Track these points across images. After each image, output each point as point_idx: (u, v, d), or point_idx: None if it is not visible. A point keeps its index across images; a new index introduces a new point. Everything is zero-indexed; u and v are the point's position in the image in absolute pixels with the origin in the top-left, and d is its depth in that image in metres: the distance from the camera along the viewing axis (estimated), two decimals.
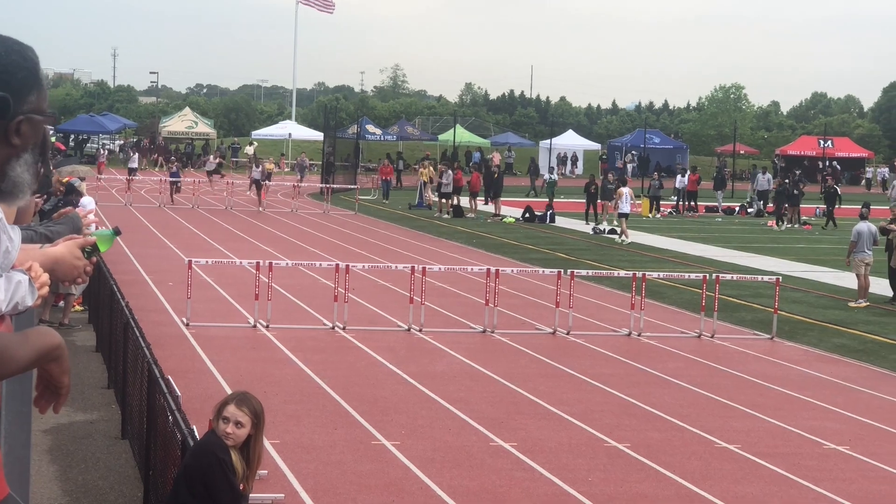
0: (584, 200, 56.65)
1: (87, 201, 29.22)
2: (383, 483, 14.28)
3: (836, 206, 58.97)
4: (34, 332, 3.48)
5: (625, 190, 50.15)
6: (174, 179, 59.14)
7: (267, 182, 59.60)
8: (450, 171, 58.93)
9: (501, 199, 58.90)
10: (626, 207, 48.63)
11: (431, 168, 63.22)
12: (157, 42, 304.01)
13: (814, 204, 65.38)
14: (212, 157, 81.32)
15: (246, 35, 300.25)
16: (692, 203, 65.53)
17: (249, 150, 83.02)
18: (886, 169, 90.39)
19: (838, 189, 64.86)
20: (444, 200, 58.27)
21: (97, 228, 6.28)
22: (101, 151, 40.17)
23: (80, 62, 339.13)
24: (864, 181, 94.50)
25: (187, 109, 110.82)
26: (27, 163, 3.53)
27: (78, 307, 25.43)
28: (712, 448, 16.55)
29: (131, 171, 64.34)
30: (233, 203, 56.66)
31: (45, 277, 4.35)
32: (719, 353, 23.86)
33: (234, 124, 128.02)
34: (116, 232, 5.90)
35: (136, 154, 56.36)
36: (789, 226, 56.02)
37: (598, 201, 55.19)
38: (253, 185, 59.06)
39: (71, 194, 25.07)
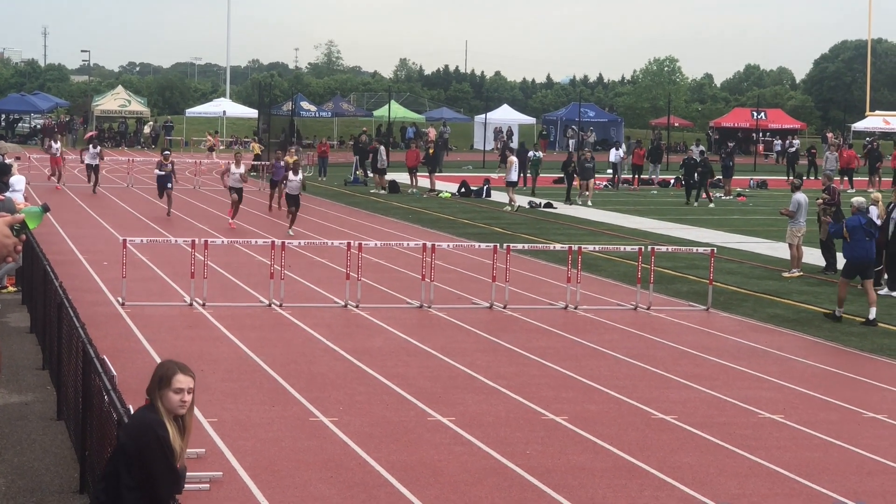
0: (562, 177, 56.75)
1: (17, 180, 29.04)
2: (322, 459, 14.28)
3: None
4: None
5: (514, 159, 51.97)
6: (163, 176, 43.12)
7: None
8: (382, 147, 59.14)
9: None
10: (513, 176, 50.29)
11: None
12: (88, 20, 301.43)
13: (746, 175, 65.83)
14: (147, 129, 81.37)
15: (179, 12, 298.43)
16: (638, 176, 65.20)
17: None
18: (780, 141, 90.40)
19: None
20: (377, 176, 58.30)
21: (26, 206, 6.23)
22: (54, 146, 38.64)
23: (10, 41, 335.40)
24: (774, 154, 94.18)
25: (120, 88, 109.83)
26: None
27: (11, 288, 25.26)
28: (649, 419, 16.66)
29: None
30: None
31: None
32: (655, 325, 24.01)
33: (168, 102, 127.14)
34: (45, 209, 5.86)
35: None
36: (722, 198, 55.97)
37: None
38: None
39: (4, 175, 24.87)
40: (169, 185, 42.65)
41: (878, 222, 27.20)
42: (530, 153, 60.76)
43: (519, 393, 17.78)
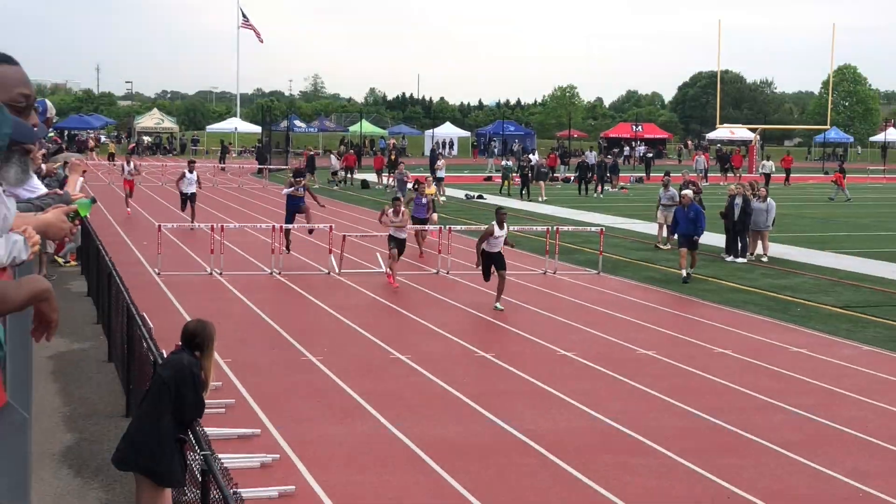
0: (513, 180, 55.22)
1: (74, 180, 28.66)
2: (311, 390, 14.30)
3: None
4: (27, 280, 3.43)
5: (441, 162, 52.29)
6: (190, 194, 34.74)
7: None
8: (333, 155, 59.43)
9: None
10: (442, 174, 49.74)
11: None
12: (131, 57, 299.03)
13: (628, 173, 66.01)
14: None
15: (200, 51, 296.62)
16: (554, 175, 64.32)
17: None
18: (643, 147, 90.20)
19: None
20: (349, 175, 58.61)
21: (79, 198, 6.20)
22: (126, 168, 36.09)
23: (71, 74, 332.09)
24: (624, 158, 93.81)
25: (155, 110, 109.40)
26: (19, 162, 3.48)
27: (73, 262, 25.13)
28: (555, 356, 16.73)
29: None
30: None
31: (37, 238, 4.30)
32: (559, 286, 24.09)
33: (192, 121, 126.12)
34: (93, 200, 5.82)
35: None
36: (610, 190, 55.97)
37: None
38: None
39: (61, 187, 24.54)
40: (192, 191, 34.48)
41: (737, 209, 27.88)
42: (503, 162, 59.81)
43: (458, 336, 17.85)
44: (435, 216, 29.45)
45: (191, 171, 34.65)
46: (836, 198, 51.80)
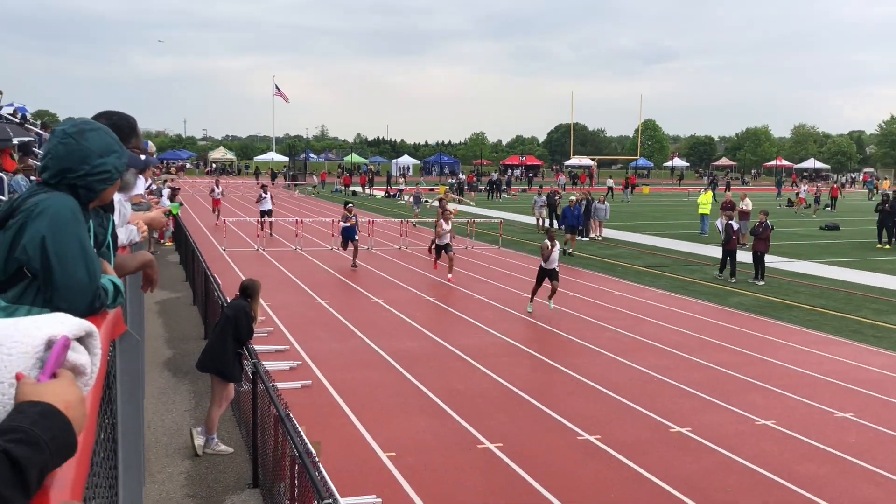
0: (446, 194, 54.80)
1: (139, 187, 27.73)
2: (321, 321, 14.18)
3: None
4: (138, 254, 3.39)
5: (402, 179, 51.97)
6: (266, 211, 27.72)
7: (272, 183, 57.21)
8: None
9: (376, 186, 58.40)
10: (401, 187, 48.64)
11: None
12: (205, 112, 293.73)
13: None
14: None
15: (249, 108, 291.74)
16: (476, 187, 63.27)
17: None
18: (525, 170, 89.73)
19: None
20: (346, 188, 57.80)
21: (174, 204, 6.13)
22: (216, 190, 30.20)
23: (166, 125, 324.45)
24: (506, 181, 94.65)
25: (222, 147, 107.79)
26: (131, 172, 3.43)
27: (169, 244, 24.70)
28: (472, 299, 16.71)
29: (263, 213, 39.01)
30: (245, 192, 55.16)
31: (145, 227, 4.26)
32: (475, 255, 24.01)
33: (245, 154, 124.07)
34: (181, 204, 5.79)
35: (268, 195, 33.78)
36: (506, 196, 55.86)
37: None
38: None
39: (154, 195, 23.94)
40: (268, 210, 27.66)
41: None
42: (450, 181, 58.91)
43: (415, 288, 17.76)
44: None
45: (265, 192, 27.54)
46: (628, 199, 53.12)
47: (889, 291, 18.55)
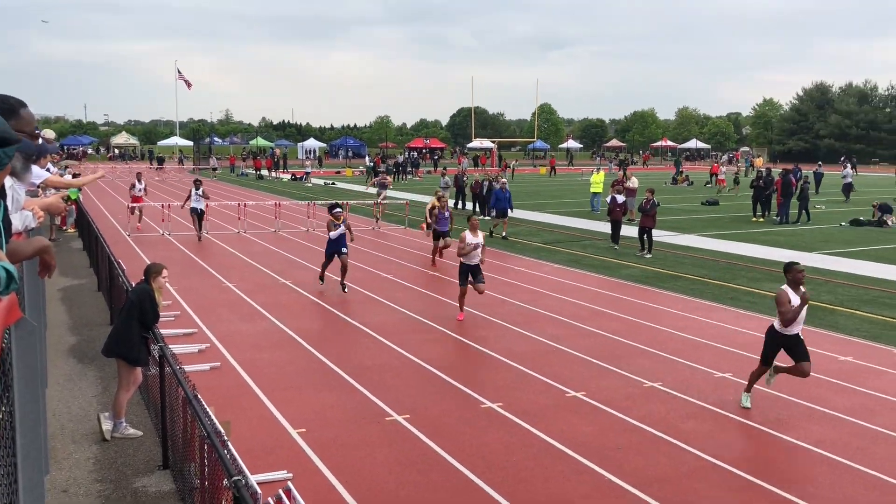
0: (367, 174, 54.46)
1: (40, 173, 26.44)
2: (228, 303, 13.81)
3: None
4: (34, 239, 3.24)
5: (308, 162, 51.77)
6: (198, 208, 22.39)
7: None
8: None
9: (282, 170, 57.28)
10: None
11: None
12: (107, 96, 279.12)
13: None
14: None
15: (152, 93, 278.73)
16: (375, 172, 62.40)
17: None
18: (465, 160, 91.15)
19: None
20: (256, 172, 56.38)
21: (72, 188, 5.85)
22: (137, 186, 27.02)
23: (65, 110, 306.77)
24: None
25: (124, 132, 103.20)
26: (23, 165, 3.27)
27: (73, 230, 23.51)
28: (379, 277, 16.67)
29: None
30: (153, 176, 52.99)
31: (41, 213, 4.07)
32: (383, 236, 23.83)
33: (149, 138, 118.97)
34: (79, 189, 5.53)
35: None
36: (412, 177, 55.67)
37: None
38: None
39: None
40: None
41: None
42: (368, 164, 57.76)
43: (318, 266, 17.62)
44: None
45: (197, 189, 22.16)
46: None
47: (762, 261, 19.64)
